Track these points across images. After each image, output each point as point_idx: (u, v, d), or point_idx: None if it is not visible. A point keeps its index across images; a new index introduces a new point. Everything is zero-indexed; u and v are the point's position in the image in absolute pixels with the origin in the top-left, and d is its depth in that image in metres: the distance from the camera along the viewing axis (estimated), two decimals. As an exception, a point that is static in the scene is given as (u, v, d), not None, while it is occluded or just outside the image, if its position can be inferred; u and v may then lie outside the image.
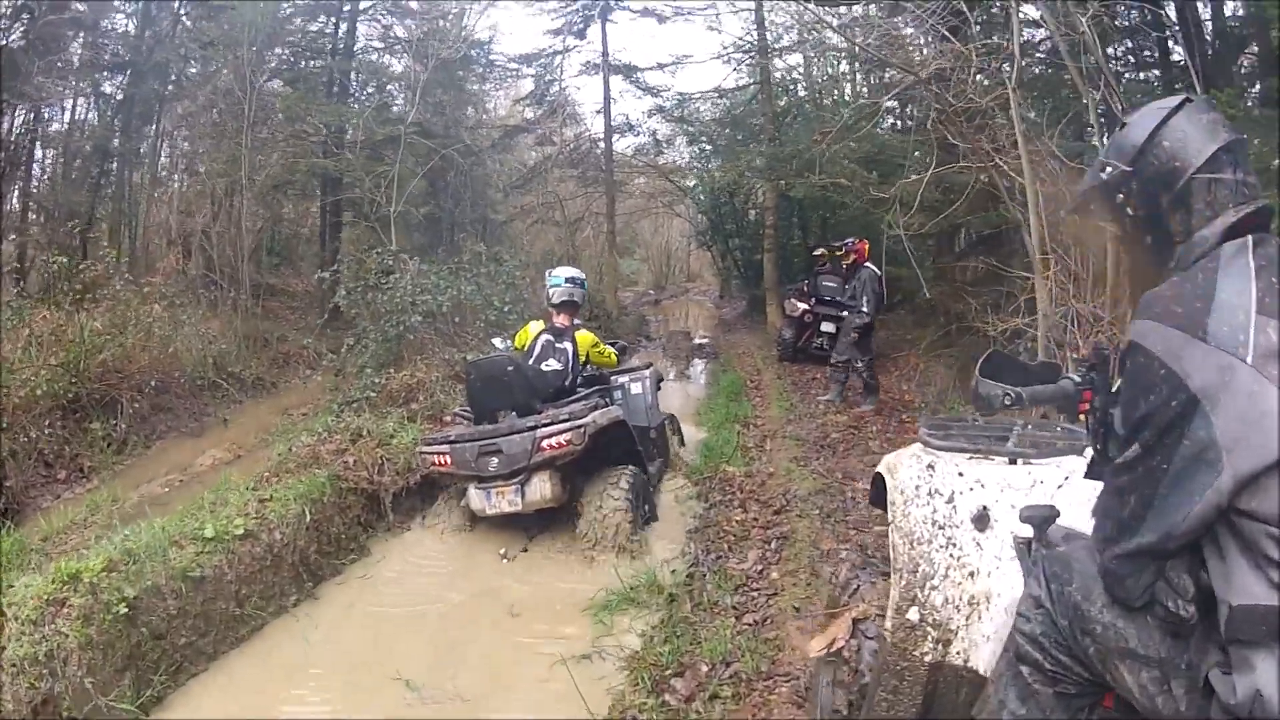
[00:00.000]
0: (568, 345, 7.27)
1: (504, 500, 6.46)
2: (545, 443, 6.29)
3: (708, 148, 22.09)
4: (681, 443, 9.47)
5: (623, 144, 21.67)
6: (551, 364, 7.23)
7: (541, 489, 6.45)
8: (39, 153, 16.75)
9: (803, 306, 14.46)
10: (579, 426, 6.31)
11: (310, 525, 6.38)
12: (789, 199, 19.04)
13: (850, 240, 11.23)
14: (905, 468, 3.19)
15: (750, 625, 5.13)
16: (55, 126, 16.83)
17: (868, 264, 10.84)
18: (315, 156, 16.84)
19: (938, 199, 9.86)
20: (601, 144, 21.62)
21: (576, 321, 7.56)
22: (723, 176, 19.06)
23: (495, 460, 6.40)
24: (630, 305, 25.45)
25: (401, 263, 11.81)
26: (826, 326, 14.21)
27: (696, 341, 19.31)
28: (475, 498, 6.57)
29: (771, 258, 18.99)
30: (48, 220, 16.37)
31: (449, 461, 6.56)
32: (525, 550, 6.71)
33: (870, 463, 7.87)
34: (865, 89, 18.34)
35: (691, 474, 8.42)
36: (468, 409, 7.21)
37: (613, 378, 8.03)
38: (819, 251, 15.32)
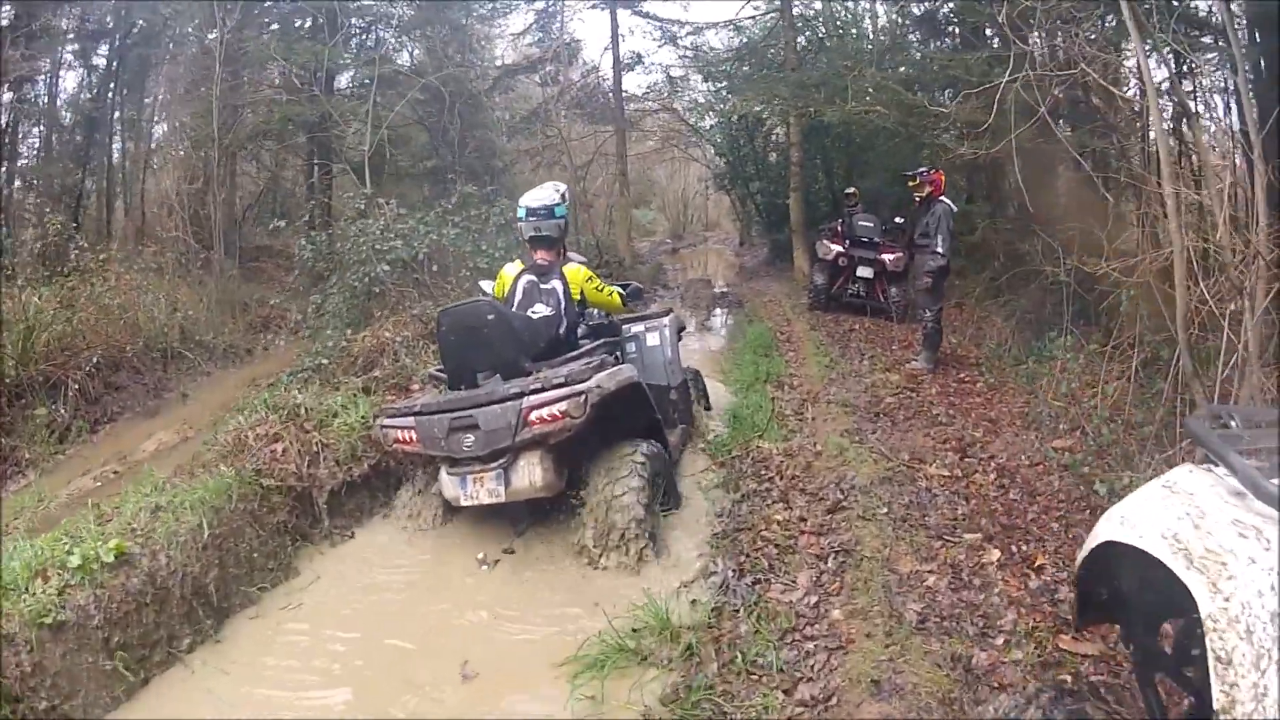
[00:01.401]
0: (556, 284, 5.66)
1: (482, 489, 5.01)
2: (534, 415, 4.79)
3: (724, 84, 19.97)
4: (707, 405, 7.91)
5: (633, 81, 19.72)
6: (540, 309, 5.64)
7: (530, 475, 4.97)
8: (25, 127, 15.83)
9: (836, 249, 12.78)
10: (578, 393, 4.76)
11: (212, 542, 4.69)
12: (814, 136, 17.53)
13: (924, 169, 9.32)
14: (1191, 518, 1.96)
15: (807, 704, 3.37)
16: (40, 100, 15.89)
17: (943, 198, 8.95)
18: (297, 104, 15.12)
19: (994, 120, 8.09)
20: (609, 78, 19.69)
21: (569, 257, 5.99)
22: (744, 105, 16.98)
23: (470, 438, 4.93)
24: (647, 254, 23.71)
25: (376, 207, 10.05)
26: (863, 271, 12.67)
27: (718, 290, 17.35)
28: (448, 485, 5.15)
29: (798, 197, 17.15)
30: (37, 197, 15.01)
31: (414, 439, 5.13)
32: (511, 552, 5.21)
33: (940, 435, 6.06)
34: (894, 17, 16.51)
35: (717, 451, 6.65)
36: (443, 370, 5.71)
37: (625, 327, 6.64)
38: (850, 190, 14.04)
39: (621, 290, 6.13)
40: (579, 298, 5.70)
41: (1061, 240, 8.41)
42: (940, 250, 8.62)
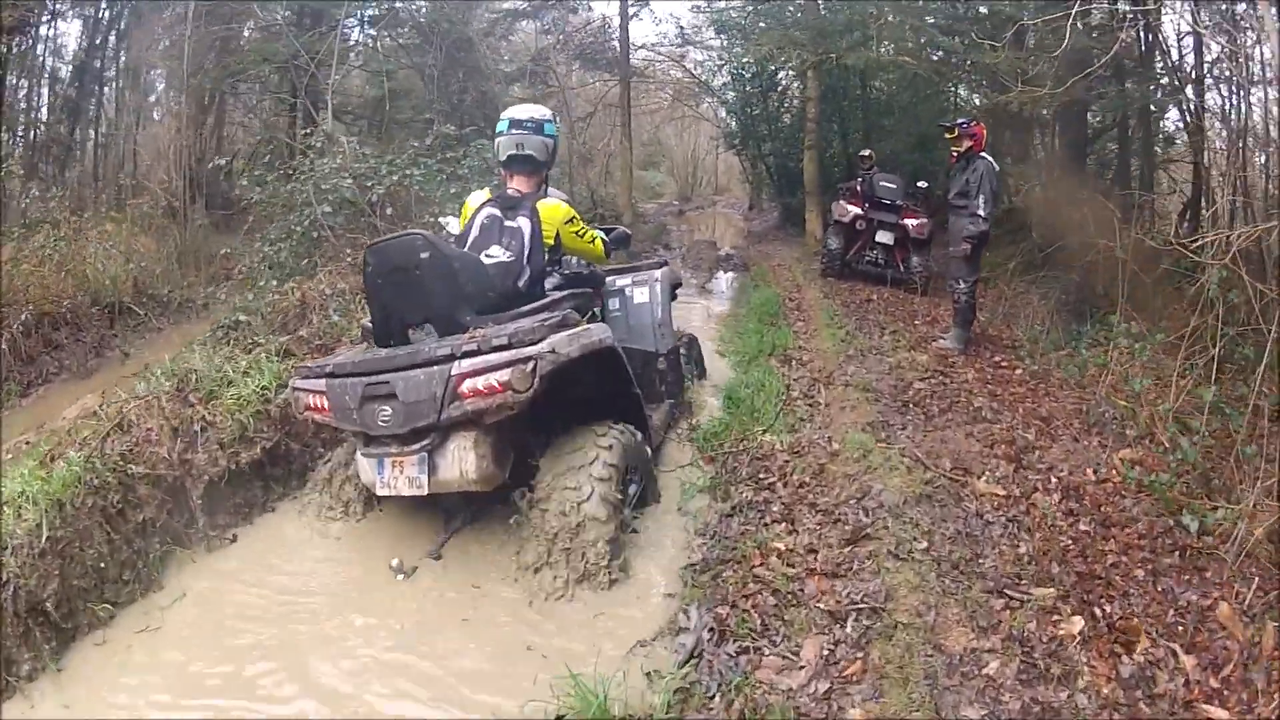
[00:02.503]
0: (523, 223, 4.35)
1: (401, 477, 3.87)
2: (466, 385, 3.59)
3: (738, 34, 18.33)
4: (702, 374, 6.84)
5: (642, 31, 18.09)
6: (495, 252, 4.32)
7: (461, 462, 3.78)
8: (14, 78, 14.52)
9: (854, 210, 11.28)
10: (524, 360, 3.54)
11: (51, 547, 3.57)
12: (831, 97, 16.26)
13: (964, 120, 7.78)
14: None
15: None
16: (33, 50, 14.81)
17: (984, 154, 7.43)
18: (270, 43, 13.90)
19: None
20: (616, 26, 17.74)
21: (550, 192, 4.65)
22: (757, 50, 15.33)
23: (387, 410, 3.77)
24: (651, 215, 22.11)
25: (335, 144, 8.64)
26: (883, 236, 11.24)
27: (723, 252, 15.80)
28: (364, 468, 4.08)
29: (813, 156, 15.65)
30: (27, 149, 14.49)
31: (326, 406, 3.98)
32: (437, 558, 4.08)
33: (985, 435, 4.71)
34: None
35: (706, 442, 5.27)
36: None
37: (609, 280, 5.62)
38: (866, 153, 12.65)
39: (605, 236, 4.89)
40: (552, 242, 4.41)
41: (1113, 210, 7.32)
42: (982, 213, 7.17)
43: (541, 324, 3.72)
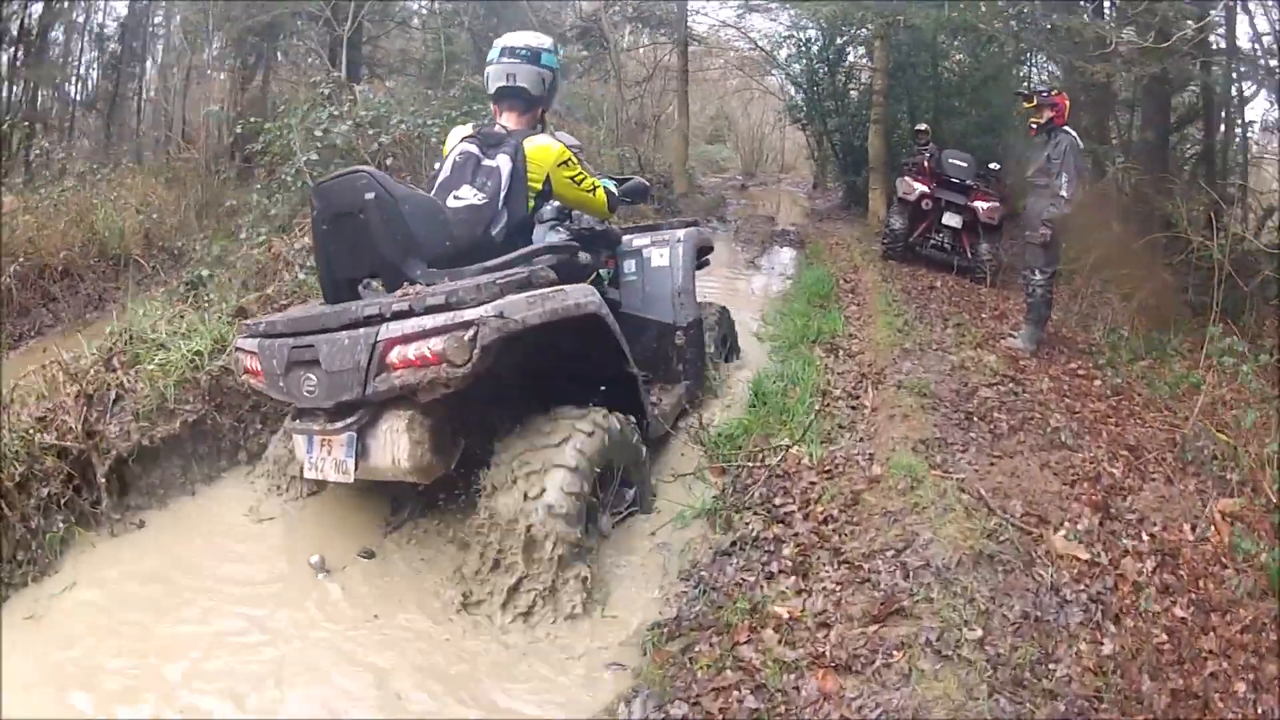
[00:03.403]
0: (502, 161, 3.58)
1: (329, 459, 3.17)
2: (395, 353, 2.88)
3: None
4: (733, 354, 5.97)
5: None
6: (465, 194, 3.56)
7: (393, 446, 3.04)
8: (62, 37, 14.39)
9: (921, 188, 10.07)
10: (462, 326, 2.76)
11: None
12: (900, 75, 14.87)
13: (1045, 89, 6.73)
14: None
15: None
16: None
17: (1067, 128, 6.31)
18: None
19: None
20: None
21: (558, 137, 3.98)
22: (825, 6, 13.94)
23: (312, 378, 3.10)
24: (713, 189, 20.66)
25: (347, 91, 7.97)
26: (950, 219, 10.02)
27: (779, 227, 14.53)
28: (297, 444, 3.45)
29: (878, 130, 14.24)
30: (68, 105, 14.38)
31: (260, 370, 3.36)
32: (369, 556, 3.37)
33: (1065, 468, 3.69)
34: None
35: (718, 446, 4.23)
36: None
37: (626, 240, 4.82)
38: (921, 127, 11.64)
39: (613, 186, 4.09)
40: (540, 186, 3.63)
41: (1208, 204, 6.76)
42: (1065, 193, 6.05)
43: (495, 282, 2.89)
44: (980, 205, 9.70)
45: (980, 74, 14.71)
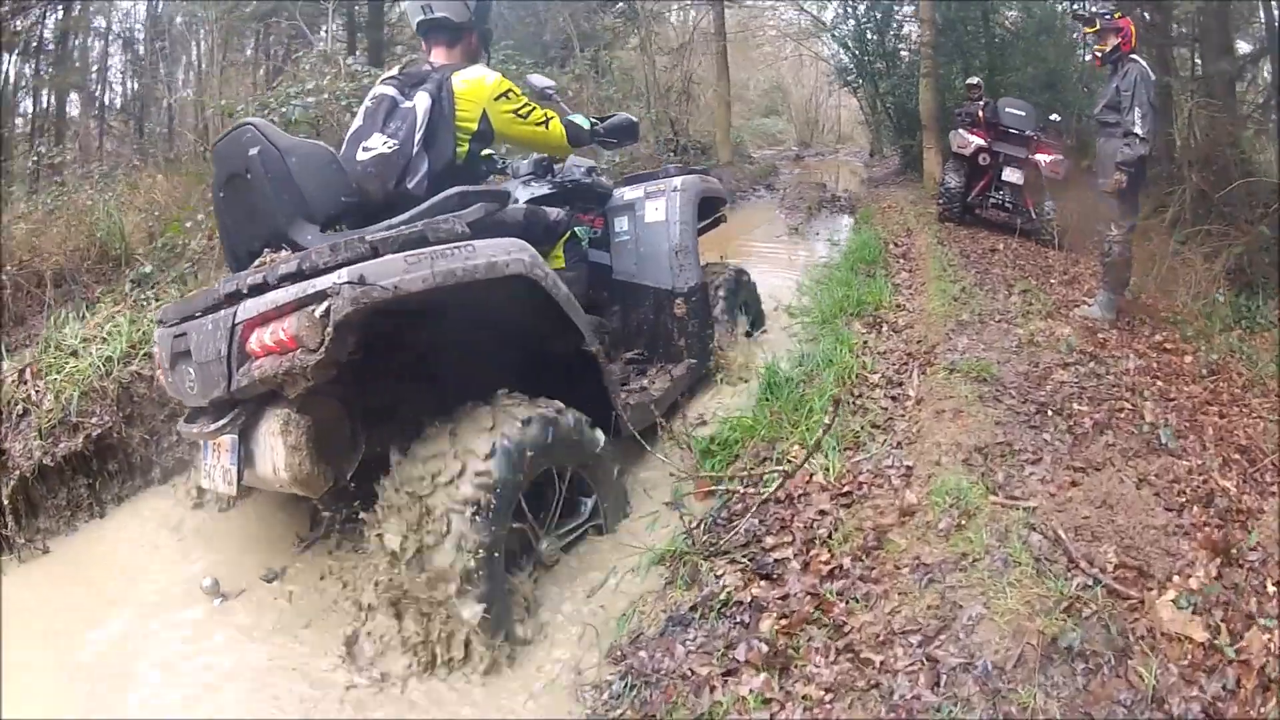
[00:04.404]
0: (420, 100, 2.93)
1: (218, 467, 2.61)
2: (254, 338, 2.25)
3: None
4: (759, 326, 4.97)
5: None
6: (374, 143, 2.90)
7: (272, 453, 2.38)
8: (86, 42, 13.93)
9: (976, 141, 8.81)
10: (316, 297, 2.13)
11: None
12: (951, 31, 13.87)
13: (1107, 9, 5.43)
14: None
15: None
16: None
17: (1135, 56, 5.21)
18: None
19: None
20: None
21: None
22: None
23: (190, 373, 2.58)
24: (764, 158, 19.60)
25: (326, 62, 7.52)
26: (1010, 175, 8.72)
27: (829, 194, 13.23)
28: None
29: (930, 84, 12.86)
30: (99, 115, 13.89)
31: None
32: (271, 579, 2.86)
33: (1168, 482, 2.60)
34: None
35: (709, 456, 3.29)
36: None
37: (617, 194, 4.12)
38: (974, 81, 10.27)
39: (580, 123, 3.43)
40: (475, 125, 2.94)
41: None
42: (1138, 130, 4.92)
43: (362, 240, 2.23)
44: (1043, 158, 8.44)
45: (1033, 26, 13.66)
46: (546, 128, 3.14)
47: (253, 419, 2.44)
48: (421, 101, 2.87)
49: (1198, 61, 9.18)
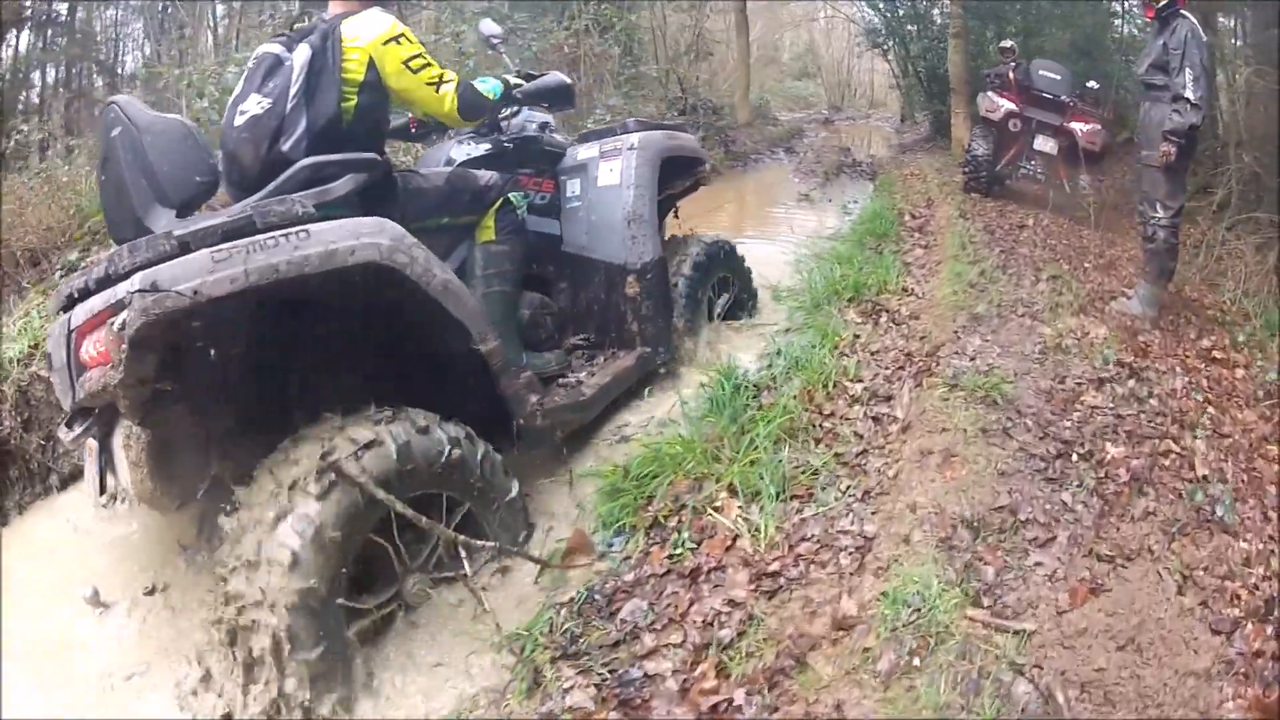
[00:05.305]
0: (299, 54, 2.42)
1: (89, 474, 2.32)
2: (85, 346, 1.92)
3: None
4: (746, 309, 4.16)
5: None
6: (249, 106, 2.42)
7: (123, 467, 2.08)
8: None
9: (1006, 105, 7.84)
10: (114, 308, 1.79)
11: None
12: None
13: None
14: None
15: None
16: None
17: (1186, 13, 4.35)
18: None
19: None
20: None
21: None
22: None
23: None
24: (791, 121, 18.55)
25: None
26: (1042, 144, 7.77)
27: (852, 159, 12.34)
28: None
29: (959, 45, 11.76)
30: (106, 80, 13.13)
31: None
32: (151, 592, 2.44)
33: (1220, 570, 1.74)
34: None
35: (613, 499, 2.41)
36: None
37: (571, 153, 3.50)
38: (1007, 45, 9.15)
39: (484, 89, 2.80)
40: (361, 75, 2.47)
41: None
42: (1190, 95, 4.13)
43: (170, 235, 1.86)
44: (1079, 127, 7.52)
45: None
46: (437, 91, 2.59)
47: (104, 429, 2.22)
48: (301, 54, 2.41)
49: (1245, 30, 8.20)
